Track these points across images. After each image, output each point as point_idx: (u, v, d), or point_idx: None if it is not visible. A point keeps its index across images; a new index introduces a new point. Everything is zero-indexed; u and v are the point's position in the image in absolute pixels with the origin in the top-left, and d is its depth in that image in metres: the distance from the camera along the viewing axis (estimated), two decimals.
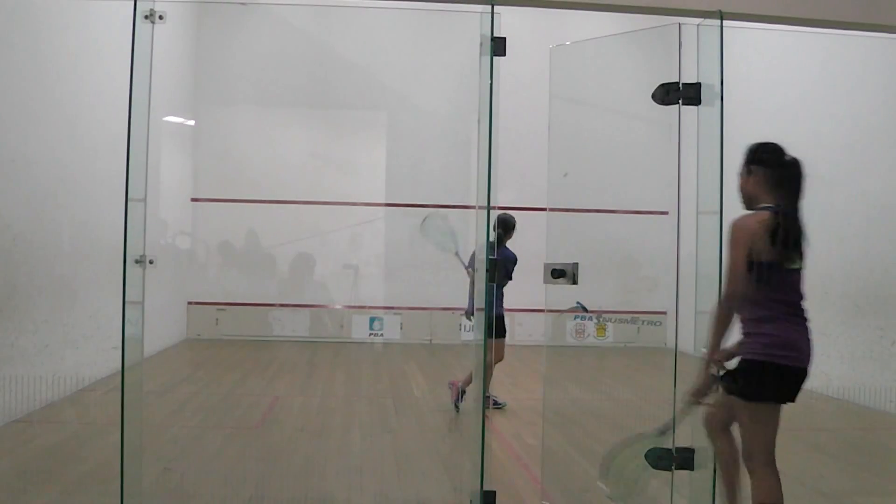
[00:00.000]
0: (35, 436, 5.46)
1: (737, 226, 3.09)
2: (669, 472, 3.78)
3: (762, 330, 3.09)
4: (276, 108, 11.48)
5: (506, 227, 6.45)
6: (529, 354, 9.15)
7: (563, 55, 4.32)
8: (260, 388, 7.77)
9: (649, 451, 3.70)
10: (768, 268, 3.05)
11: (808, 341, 3.11)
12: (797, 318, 3.13)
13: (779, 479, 3.20)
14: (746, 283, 3.03)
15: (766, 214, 3.11)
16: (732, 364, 3.19)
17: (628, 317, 11.40)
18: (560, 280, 3.92)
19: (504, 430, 5.96)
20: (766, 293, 3.06)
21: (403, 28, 11.42)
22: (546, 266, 4.07)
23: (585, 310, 4.13)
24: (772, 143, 3.31)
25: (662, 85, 3.77)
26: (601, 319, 10.95)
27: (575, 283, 4.04)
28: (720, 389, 3.23)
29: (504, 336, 6.56)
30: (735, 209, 3.30)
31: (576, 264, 3.94)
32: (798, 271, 3.13)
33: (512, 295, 6.54)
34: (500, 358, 6.54)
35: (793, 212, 3.15)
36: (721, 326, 3.13)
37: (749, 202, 3.24)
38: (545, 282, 4.12)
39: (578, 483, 4.69)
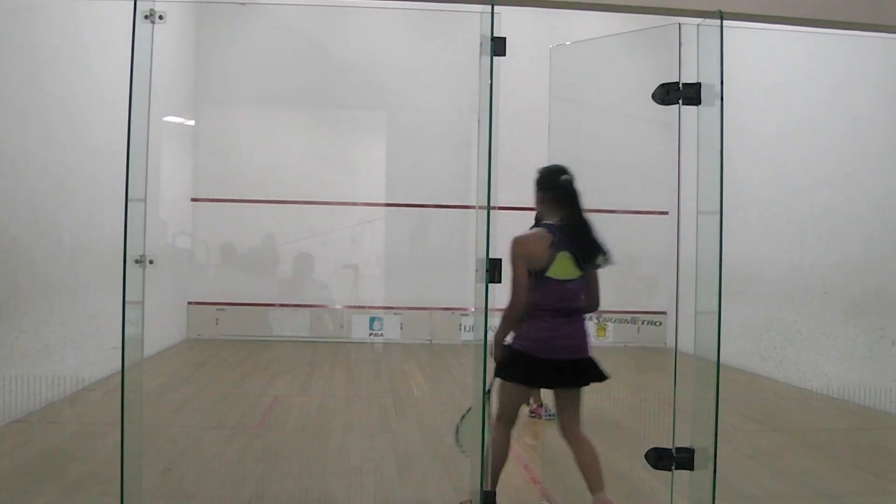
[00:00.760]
0: (35, 436, 5.46)
1: (515, 242, 3.63)
2: (669, 472, 3.78)
3: (523, 326, 3.67)
4: (276, 108, 11.48)
5: None
6: None
7: (563, 55, 4.33)
8: (260, 388, 7.77)
9: (649, 451, 3.73)
10: (536, 277, 3.59)
11: (568, 338, 3.67)
12: (561, 319, 3.65)
13: (507, 438, 3.88)
14: (528, 292, 3.58)
15: (539, 231, 3.66)
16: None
17: (628, 316, 11.40)
18: None
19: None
20: (534, 298, 3.60)
21: (403, 28, 11.42)
22: None
23: None
24: (551, 167, 3.79)
25: (662, 85, 3.76)
26: (600, 320, 10.94)
27: None
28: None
29: None
30: (734, 209, 3.31)
31: None
32: (572, 281, 3.65)
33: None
34: None
35: (571, 227, 3.64)
36: (508, 328, 3.70)
37: (537, 220, 3.80)
38: None
39: (578, 483, 4.68)
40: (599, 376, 3.73)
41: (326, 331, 11.27)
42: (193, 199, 11.22)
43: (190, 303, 11.19)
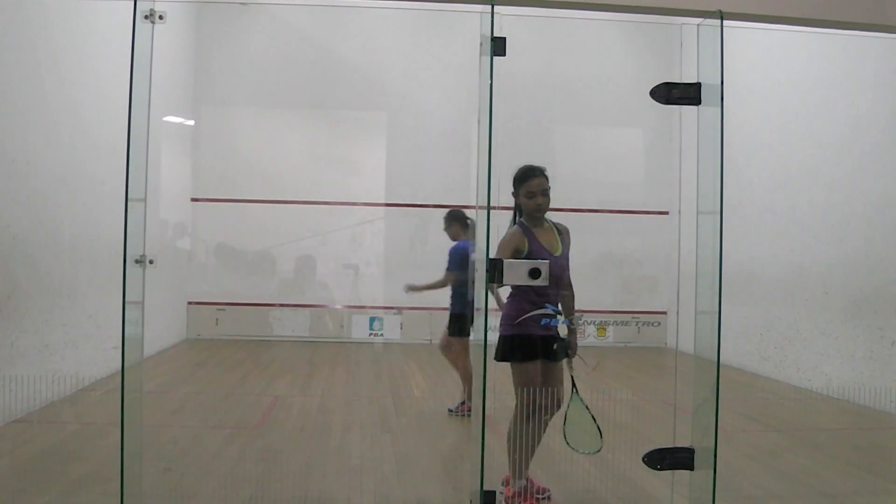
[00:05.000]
0: (35, 436, 5.45)
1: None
2: (669, 472, 3.78)
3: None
4: (276, 108, 11.47)
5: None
6: None
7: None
8: (260, 388, 7.77)
9: (649, 451, 3.74)
10: None
11: None
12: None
13: None
14: None
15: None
16: None
17: (628, 317, 11.39)
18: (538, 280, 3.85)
19: (504, 430, 5.95)
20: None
21: (403, 28, 11.41)
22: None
23: (557, 312, 4.11)
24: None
25: (663, 84, 3.76)
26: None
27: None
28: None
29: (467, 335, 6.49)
30: (734, 209, 3.31)
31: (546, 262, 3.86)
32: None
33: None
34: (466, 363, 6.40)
35: None
36: None
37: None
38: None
39: (579, 483, 4.68)
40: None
41: (326, 331, 11.27)
42: (193, 199, 11.22)
43: (190, 303, 11.19)
